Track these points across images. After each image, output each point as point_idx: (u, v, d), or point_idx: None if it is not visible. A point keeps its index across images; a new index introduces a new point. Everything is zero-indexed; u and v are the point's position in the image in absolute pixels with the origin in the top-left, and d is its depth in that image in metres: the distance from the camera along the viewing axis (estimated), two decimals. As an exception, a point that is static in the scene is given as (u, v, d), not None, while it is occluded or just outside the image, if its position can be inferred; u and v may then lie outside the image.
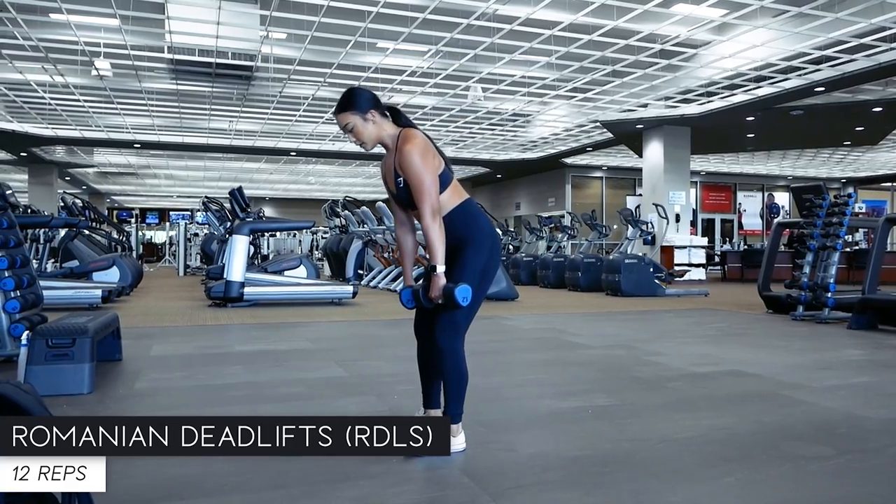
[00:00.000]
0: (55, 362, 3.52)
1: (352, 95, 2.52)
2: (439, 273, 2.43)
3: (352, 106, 2.49)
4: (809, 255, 7.43)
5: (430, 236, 2.41)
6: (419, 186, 2.41)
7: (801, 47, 10.35)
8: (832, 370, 4.40)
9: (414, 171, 2.41)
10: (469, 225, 2.56)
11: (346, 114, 2.50)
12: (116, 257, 10.82)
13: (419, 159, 2.41)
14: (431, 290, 2.45)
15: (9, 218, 4.85)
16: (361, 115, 2.49)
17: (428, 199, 2.41)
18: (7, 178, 24.83)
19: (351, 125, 2.50)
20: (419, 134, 2.50)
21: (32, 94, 13.59)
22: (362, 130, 2.50)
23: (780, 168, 23.59)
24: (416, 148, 2.42)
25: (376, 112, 2.51)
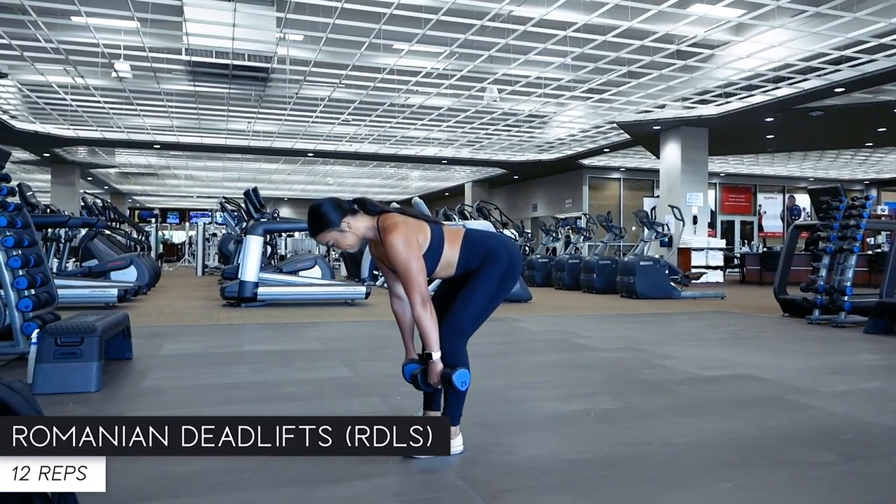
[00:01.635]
0: (63, 360, 3.57)
1: (320, 215, 2.49)
2: (435, 360, 2.44)
3: (325, 225, 2.48)
4: (826, 257, 7.32)
5: (422, 324, 2.42)
6: (406, 275, 2.41)
7: (820, 47, 10.20)
8: (843, 375, 4.33)
9: (400, 261, 2.41)
10: (480, 249, 2.57)
11: (323, 234, 2.51)
12: (134, 257, 10.95)
13: (403, 249, 2.40)
14: (430, 376, 2.47)
15: (24, 217, 4.93)
16: (337, 229, 2.49)
17: (416, 287, 2.40)
18: (30, 178, 25.27)
19: (331, 241, 2.52)
20: (398, 218, 2.48)
21: (54, 95, 13.83)
22: (342, 241, 2.51)
23: (801, 169, 23.28)
24: (398, 237, 2.41)
25: (348, 217, 2.50)
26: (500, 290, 2.58)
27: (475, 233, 2.64)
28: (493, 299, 2.58)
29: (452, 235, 2.57)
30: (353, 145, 19.37)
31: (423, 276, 2.43)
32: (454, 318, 2.53)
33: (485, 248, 2.58)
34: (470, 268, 2.57)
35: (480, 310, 2.54)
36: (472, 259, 2.57)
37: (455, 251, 2.55)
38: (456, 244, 2.56)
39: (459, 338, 2.54)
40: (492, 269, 2.55)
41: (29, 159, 21.37)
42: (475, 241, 2.59)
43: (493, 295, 2.56)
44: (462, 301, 2.53)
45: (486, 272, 2.55)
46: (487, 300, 2.55)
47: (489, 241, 2.61)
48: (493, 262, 2.55)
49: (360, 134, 17.87)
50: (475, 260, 2.57)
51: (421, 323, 2.42)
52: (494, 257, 2.56)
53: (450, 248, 2.55)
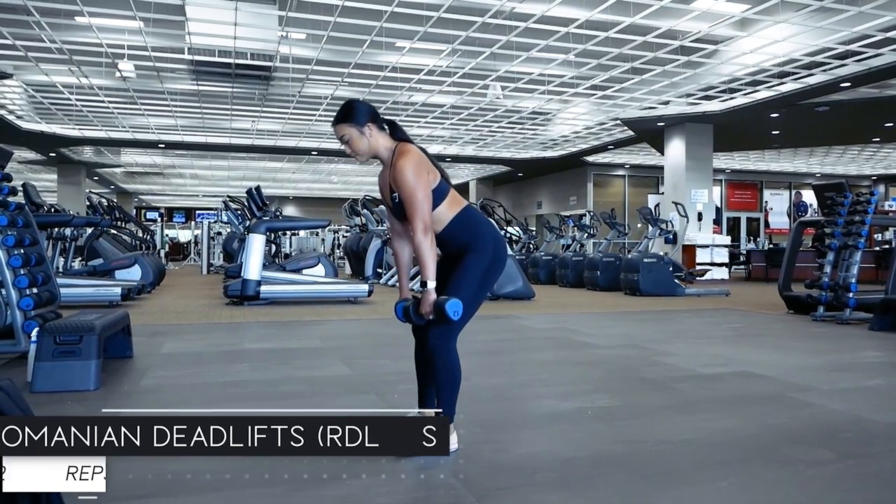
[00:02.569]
0: (62, 359, 3.58)
1: (350, 108, 2.52)
2: (430, 289, 2.42)
3: (349, 118, 2.49)
4: (830, 254, 7.27)
5: (421, 251, 2.40)
6: (411, 201, 2.40)
7: (825, 42, 10.13)
8: (846, 372, 4.30)
9: (407, 186, 2.40)
10: (470, 230, 2.55)
11: (342, 125, 2.50)
12: (138, 256, 10.98)
13: (412, 175, 2.40)
14: (422, 305, 2.45)
15: (25, 216, 4.94)
16: (358, 128, 2.49)
17: (419, 214, 2.40)
18: (37, 177, 25.38)
19: (347, 137, 2.50)
20: (414, 149, 2.50)
21: (59, 95, 13.87)
22: (357, 143, 2.50)
23: (807, 165, 23.14)
24: (409, 163, 2.41)
25: (373, 126, 2.50)
26: (484, 284, 2.54)
27: (473, 211, 2.61)
28: (478, 294, 2.53)
29: (455, 199, 2.57)
30: (357, 143, 19.34)
31: (428, 204, 2.42)
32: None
33: (476, 229, 2.55)
34: (453, 238, 2.53)
35: (468, 303, 2.50)
36: (460, 231, 2.53)
37: (450, 213, 2.53)
38: (455, 208, 2.54)
39: (450, 336, 2.51)
40: (476, 260, 2.51)
41: (35, 159, 21.46)
42: (470, 217, 2.57)
43: (478, 290, 2.51)
44: (451, 292, 2.50)
45: (470, 262, 2.50)
46: (474, 293, 2.50)
47: (481, 226, 2.58)
48: (478, 250, 2.51)
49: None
50: (463, 234, 2.53)
51: (420, 250, 2.40)
52: (481, 245, 2.51)
53: (447, 206, 2.53)
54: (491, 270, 2.56)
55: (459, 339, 2.56)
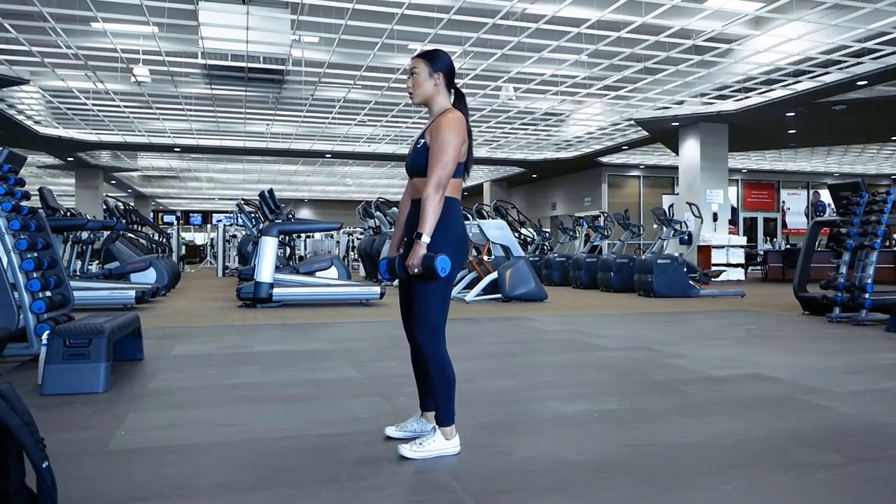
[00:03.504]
0: (72, 361, 3.61)
1: (435, 53, 2.59)
2: (422, 242, 2.37)
3: (429, 58, 2.56)
4: (846, 254, 7.18)
5: (427, 204, 2.38)
6: (438, 155, 2.40)
7: (841, 40, 10.01)
8: (860, 374, 4.23)
9: (442, 140, 2.41)
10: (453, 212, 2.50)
11: (420, 60, 2.56)
12: (153, 259, 11.08)
13: (453, 135, 2.42)
14: (410, 256, 2.38)
15: (38, 221, 5.01)
16: (430, 69, 2.54)
17: (440, 169, 2.39)
18: (56, 182, 25.74)
19: (417, 70, 2.55)
20: (463, 118, 2.51)
21: (76, 100, 14.06)
22: (421, 82, 2.54)
23: (825, 165, 22.86)
24: (454, 124, 2.44)
25: (444, 78, 2.55)
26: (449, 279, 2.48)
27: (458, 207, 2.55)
28: (447, 287, 2.49)
29: (456, 187, 2.55)
30: (371, 146, 19.44)
31: (452, 167, 2.42)
32: (422, 315, 2.46)
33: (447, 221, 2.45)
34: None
35: (441, 298, 2.46)
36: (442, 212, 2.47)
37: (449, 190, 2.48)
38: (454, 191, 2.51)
39: (436, 337, 2.48)
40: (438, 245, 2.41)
41: (54, 163, 21.76)
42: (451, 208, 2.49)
43: (447, 278, 2.44)
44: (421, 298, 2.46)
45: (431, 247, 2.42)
46: (443, 285, 2.46)
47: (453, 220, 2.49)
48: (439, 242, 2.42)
49: (377, 135, 17.91)
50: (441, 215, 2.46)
51: (427, 203, 2.38)
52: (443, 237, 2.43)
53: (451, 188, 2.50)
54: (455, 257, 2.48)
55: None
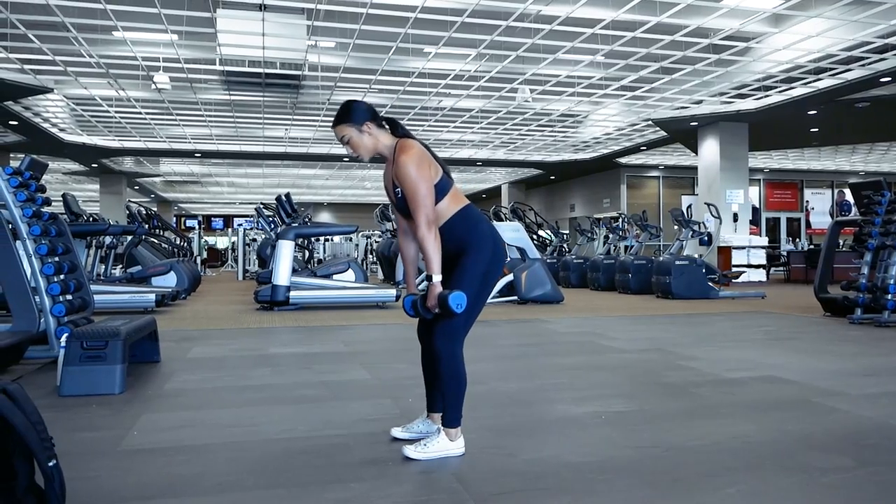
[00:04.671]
0: (89, 363, 3.69)
1: (348, 108, 2.54)
2: (435, 282, 2.42)
3: (347, 118, 2.52)
4: (868, 254, 7.06)
5: (426, 246, 2.41)
6: (414, 196, 2.41)
7: (863, 36, 9.85)
8: (878, 377, 4.16)
9: (409, 181, 2.41)
10: (469, 230, 2.54)
11: (341, 126, 2.53)
12: (174, 262, 11.23)
13: (414, 169, 2.41)
14: (428, 298, 2.45)
15: (59, 226, 5.11)
16: (357, 128, 2.51)
17: (423, 209, 2.40)
18: (81, 188, 26.21)
19: (347, 137, 2.53)
20: (416, 144, 2.51)
21: (98, 108, 14.32)
22: (358, 142, 2.53)
23: (850, 163, 22.49)
24: (411, 158, 2.42)
25: (372, 124, 2.53)
26: (485, 286, 2.55)
27: (474, 210, 2.61)
28: (480, 296, 2.53)
29: (457, 195, 2.57)
30: (389, 149, 19.49)
31: (431, 199, 2.43)
32: (445, 322, 2.49)
33: (476, 228, 2.53)
34: (452, 234, 2.52)
35: (469, 307, 2.48)
36: (460, 227, 2.52)
37: (450, 209, 2.52)
38: (455, 205, 2.54)
39: (456, 340, 2.51)
40: (475, 261, 2.49)
41: (78, 170, 22.16)
42: (470, 216, 2.55)
43: (479, 291, 2.51)
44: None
45: (469, 263, 2.49)
46: (475, 296, 2.50)
47: (481, 226, 2.56)
48: (476, 250, 2.50)
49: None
50: (462, 231, 2.52)
51: (424, 244, 2.41)
52: (479, 245, 2.50)
53: (448, 202, 2.52)
54: (490, 272, 2.56)
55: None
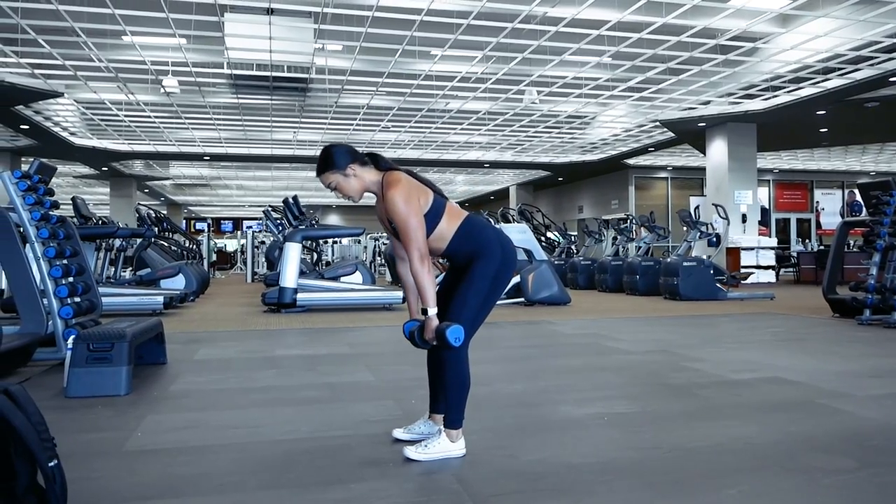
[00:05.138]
0: (95, 365, 3.72)
1: (329, 154, 2.53)
2: (431, 315, 2.45)
3: (330, 165, 2.52)
4: (876, 255, 7.01)
5: (420, 279, 2.43)
6: (405, 230, 2.42)
7: (871, 35, 9.80)
8: (884, 378, 4.13)
9: (399, 216, 2.42)
10: (475, 238, 2.57)
11: (326, 174, 2.54)
12: (182, 265, 11.31)
13: (403, 204, 2.41)
14: (425, 332, 2.48)
15: (66, 229, 5.16)
16: (341, 172, 2.52)
17: (414, 242, 2.41)
18: (91, 191, 26.41)
19: (334, 184, 2.54)
20: (402, 176, 2.51)
21: (108, 112, 14.43)
22: (345, 186, 2.54)
23: (860, 163, 22.33)
24: (399, 193, 2.43)
25: (356, 165, 2.53)
26: (494, 291, 2.57)
27: (475, 220, 2.63)
28: (488, 299, 2.57)
29: (453, 213, 2.58)
30: (396, 151, 19.56)
31: (422, 232, 2.44)
32: (453, 321, 2.52)
33: (481, 237, 2.56)
34: (460, 251, 2.56)
35: (476, 311, 2.53)
36: (465, 244, 2.55)
37: (452, 228, 2.55)
38: (455, 222, 2.56)
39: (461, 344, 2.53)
40: (484, 266, 2.53)
41: (89, 173, 22.33)
42: (473, 227, 2.58)
43: (488, 295, 2.55)
44: (458, 304, 2.52)
45: (478, 270, 2.52)
46: (482, 300, 2.54)
47: (485, 232, 2.59)
48: (485, 257, 2.53)
49: (401, 140, 18.03)
50: (467, 245, 2.55)
51: (418, 278, 2.42)
52: (488, 252, 2.54)
53: (447, 222, 2.54)
54: (500, 276, 2.58)
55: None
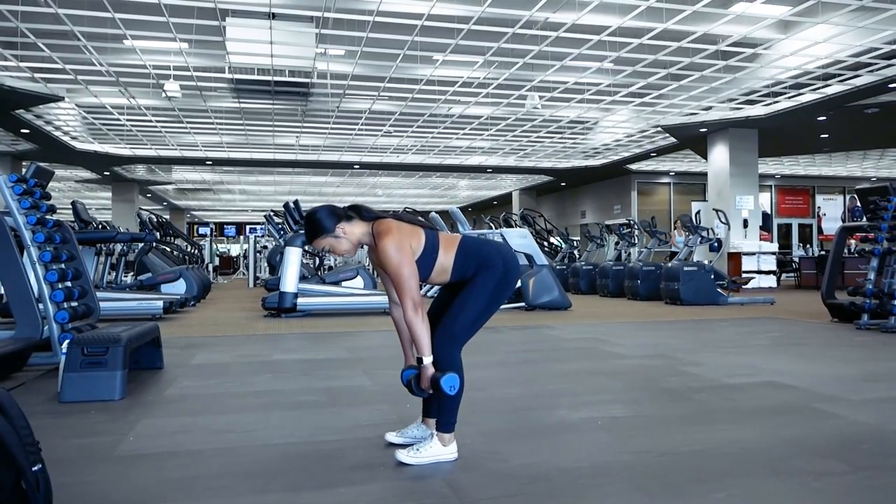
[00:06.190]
0: (89, 370, 3.72)
1: (315, 221, 2.54)
2: (426, 364, 2.47)
3: (320, 232, 2.53)
4: (874, 259, 7.00)
5: (414, 328, 2.44)
6: (398, 280, 2.43)
7: (871, 42, 9.80)
8: (879, 382, 4.12)
9: (391, 266, 2.43)
10: (475, 257, 2.58)
11: (317, 240, 2.56)
12: (183, 270, 11.32)
13: (395, 253, 2.42)
14: (421, 381, 2.50)
15: (63, 233, 5.18)
16: (331, 235, 2.53)
17: (408, 292, 2.42)
18: (93, 195, 26.46)
19: (327, 247, 2.56)
20: (391, 224, 2.51)
21: (109, 116, 14.48)
22: (338, 246, 2.55)
23: (861, 169, 22.30)
24: (389, 243, 2.43)
25: (343, 224, 2.54)
26: (495, 300, 2.58)
27: (471, 240, 2.65)
28: (487, 309, 2.58)
29: (448, 242, 2.59)
30: (399, 156, 19.59)
31: (415, 280, 2.45)
32: (448, 325, 2.53)
33: (480, 255, 2.59)
34: (465, 275, 2.58)
35: (473, 319, 2.54)
36: (468, 266, 2.58)
37: (450, 257, 2.57)
38: (451, 250, 2.57)
39: (454, 344, 2.53)
40: (485, 278, 2.55)
41: (91, 178, 22.38)
42: (470, 248, 2.60)
43: (487, 305, 2.57)
44: (456, 309, 2.54)
45: (479, 281, 2.55)
46: (481, 310, 2.55)
47: (484, 248, 2.61)
48: (487, 269, 2.55)
49: (404, 145, 18.05)
50: (470, 267, 2.57)
51: (412, 328, 2.43)
52: (489, 265, 2.56)
53: (444, 254, 2.56)
54: (500, 286, 2.59)
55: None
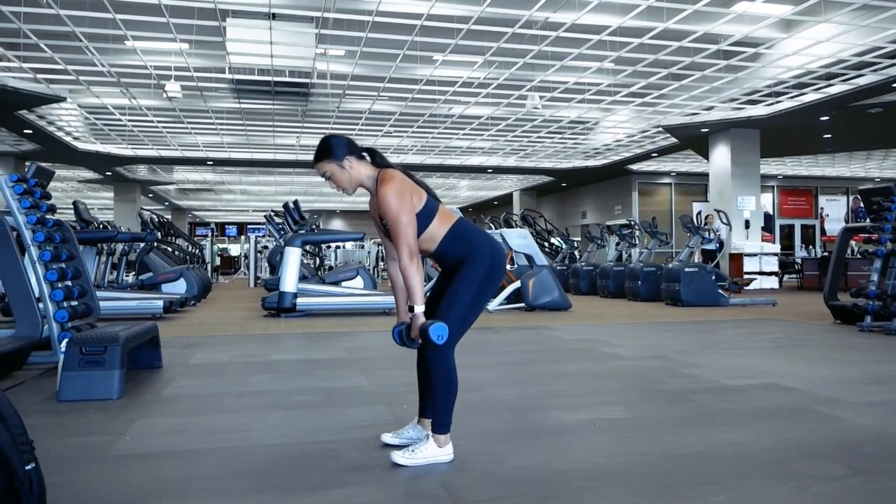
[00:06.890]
0: (88, 369, 3.71)
1: (327, 144, 2.55)
2: (417, 313, 2.46)
3: (327, 154, 2.53)
4: (877, 261, 6.97)
5: (408, 276, 2.43)
6: (395, 227, 2.43)
7: (874, 41, 9.76)
8: (881, 385, 4.10)
9: (390, 212, 2.43)
10: (464, 242, 2.58)
11: (322, 163, 2.55)
12: (184, 269, 11.33)
13: (395, 200, 2.42)
14: (412, 329, 2.49)
15: (63, 232, 5.17)
16: (338, 163, 2.52)
17: (404, 239, 2.42)
18: (95, 195, 26.49)
19: (329, 173, 2.55)
20: (396, 174, 2.52)
21: (111, 116, 14.49)
22: (340, 177, 2.54)
23: (865, 170, 22.24)
24: (391, 189, 2.44)
25: (352, 157, 2.54)
26: (482, 294, 2.57)
27: (466, 224, 2.65)
28: (476, 302, 2.57)
29: (445, 215, 2.59)
30: (399, 156, 19.57)
31: (413, 230, 2.44)
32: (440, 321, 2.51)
33: (470, 241, 2.58)
34: (449, 253, 2.57)
35: (464, 313, 2.53)
36: (455, 246, 2.56)
37: (442, 230, 2.56)
38: (445, 224, 2.57)
39: (447, 347, 2.52)
40: (473, 270, 2.53)
41: (93, 178, 22.41)
42: (463, 231, 2.59)
43: (476, 298, 2.55)
44: (446, 305, 2.52)
45: (467, 273, 2.53)
46: (470, 303, 2.54)
47: (476, 238, 2.60)
48: (474, 262, 2.54)
49: (404, 145, 18.05)
50: (457, 248, 2.56)
51: (406, 274, 2.43)
52: (477, 257, 2.54)
53: (438, 224, 2.55)
54: (487, 281, 2.58)
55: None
